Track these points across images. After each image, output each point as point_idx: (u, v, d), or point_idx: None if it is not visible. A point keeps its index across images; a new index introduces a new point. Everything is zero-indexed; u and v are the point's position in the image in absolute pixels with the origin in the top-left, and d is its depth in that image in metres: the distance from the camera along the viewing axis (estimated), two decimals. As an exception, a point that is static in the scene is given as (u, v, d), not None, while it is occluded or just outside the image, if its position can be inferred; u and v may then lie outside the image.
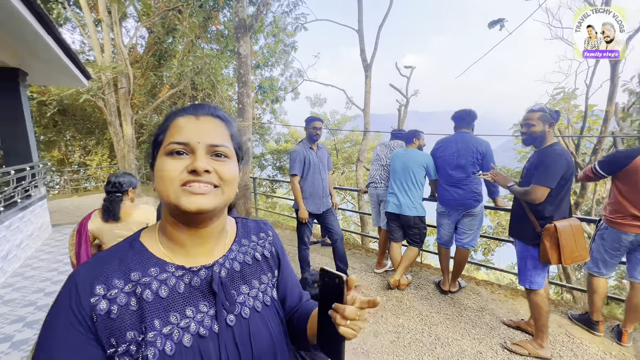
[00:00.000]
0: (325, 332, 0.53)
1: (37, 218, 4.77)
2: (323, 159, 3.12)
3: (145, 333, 0.49)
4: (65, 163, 12.43)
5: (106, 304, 0.49)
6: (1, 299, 3.13)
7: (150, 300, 0.52)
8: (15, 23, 3.28)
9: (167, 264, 0.55)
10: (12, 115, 4.72)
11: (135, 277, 0.52)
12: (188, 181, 0.52)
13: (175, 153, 0.53)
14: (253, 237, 0.69)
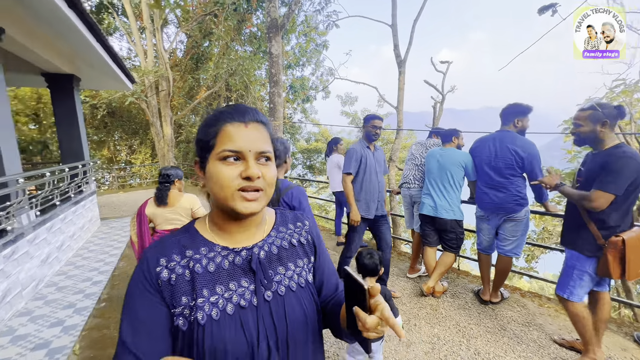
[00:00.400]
0: (353, 326, 0.55)
1: (87, 212, 5.18)
2: (380, 160, 2.92)
3: (195, 299, 0.60)
4: (114, 161, 13.47)
5: (167, 273, 0.61)
6: (56, 285, 3.41)
7: (200, 273, 0.62)
8: (70, 33, 3.56)
9: (214, 245, 0.66)
10: (68, 117, 5.16)
11: (189, 253, 0.63)
12: (243, 188, 0.60)
13: (228, 159, 0.60)
14: (290, 226, 0.76)
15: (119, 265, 3.97)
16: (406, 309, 2.84)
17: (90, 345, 2.42)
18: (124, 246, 4.67)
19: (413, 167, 3.36)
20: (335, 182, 4.36)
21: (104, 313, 2.89)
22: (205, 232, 0.67)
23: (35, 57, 4.07)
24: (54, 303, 3.04)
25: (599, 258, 1.88)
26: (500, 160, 2.61)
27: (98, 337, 2.52)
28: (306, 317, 0.66)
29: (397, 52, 6.96)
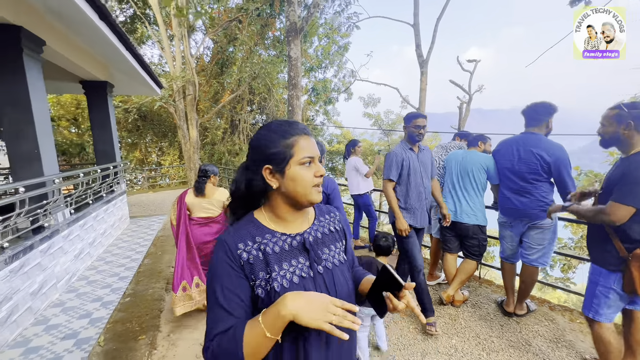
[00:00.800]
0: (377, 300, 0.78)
1: (118, 210, 5.49)
2: (426, 163, 2.64)
3: (270, 273, 0.77)
4: (145, 162, 14.20)
5: (246, 255, 0.78)
6: (87, 279, 3.64)
7: (270, 254, 0.79)
8: (102, 43, 3.80)
9: (275, 232, 0.82)
10: (102, 121, 5.51)
11: (258, 239, 0.80)
12: (317, 184, 0.80)
13: (307, 164, 0.80)
14: (326, 216, 0.94)
15: (144, 262, 4.16)
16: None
17: (114, 338, 2.54)
18: (150, 244, 4.90)
19: (432, 170, 3.25)
20: (353, 185, 4.32)
21: (128, 307, 3.03)
22: (265, 222, 0.84)
23: (74, 66, 4.38)
24: (84, 296, 3.24)
25: (624, 273, 1.71)
26: (524, 165, 2.46)
27: (121, 330, 2.65)
28: (347, 284, 0.86)
29: (419, 52, 6.79)
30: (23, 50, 3.01)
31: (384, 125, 18.90)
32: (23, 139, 3.13)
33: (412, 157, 2.57)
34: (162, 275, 3.75)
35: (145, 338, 2.53)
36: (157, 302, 3.11)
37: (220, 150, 12.47)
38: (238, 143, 12.46)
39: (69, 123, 9.89)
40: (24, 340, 2.47)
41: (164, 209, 7.81)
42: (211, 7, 11.07)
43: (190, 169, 10.03)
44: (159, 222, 6.20)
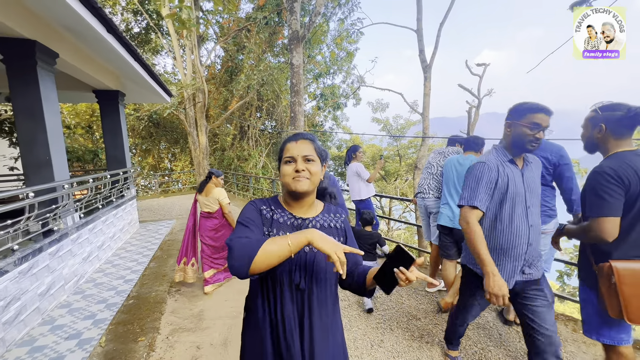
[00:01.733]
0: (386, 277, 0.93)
1: (127, 215, 5.65)
2: (533, 184, 1.69)
3: (270, 232, 1.06)
4: (158, 168, 14.58)
5: (264, 212, 1.09)
6: (94, 281, 3.75)
7: (275, 220, 1.08)
8: (111, 54, 3.98)
9: (285, 210, 1.11)
10: (113, 129, 5.72)
11: (272, 207, 1.11)
12: (295, 176, 1.03)
13: (288, 162, 1.05)
14: (332, 214, 1.16)
15: (149, 266, 4.27)
16: (420, 324, 2.70)
17: (115, 339, 2.62)
18: (157, 248, 5.02)
19: (428, 175, 3.22)
20: (354, 191, 4.32)
21: (130, 309, 3.11)
22: (282, 202, 1.13)
23: (86, 77, 4.58)
24: (90, 297, 3.34)
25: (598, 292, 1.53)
26: None
27: (122, 332, 2.72)
28: (326, 271, 1.05)
29: (423, 58, 6.78)
30: (37, 63, 3.18)
31: (393, 131, 18.81)
32: (36, 146, 3.29)
33: (514, 175, 1.65)
34: (167, 278, 3.84)
35: (145, 340, 2.59)
36: (159, 305, 3.18)
37: (230, 156, 12.68)
38: (247, 149, 12.65)
39: (84, 131, 10.28)
40: (30, 340, 2.57)
41: (173, 213, 7.99)
42: (221, 17, 11.39)
43: (199, 174, 10.23)
44: (167, 227, 6.35)
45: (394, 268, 0.90)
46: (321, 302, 1.06)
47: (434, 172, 3.18)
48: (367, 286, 1.07)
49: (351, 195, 4.39)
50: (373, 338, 2.53)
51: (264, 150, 13.03)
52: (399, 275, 0.89)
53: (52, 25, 3.32)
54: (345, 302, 3.16)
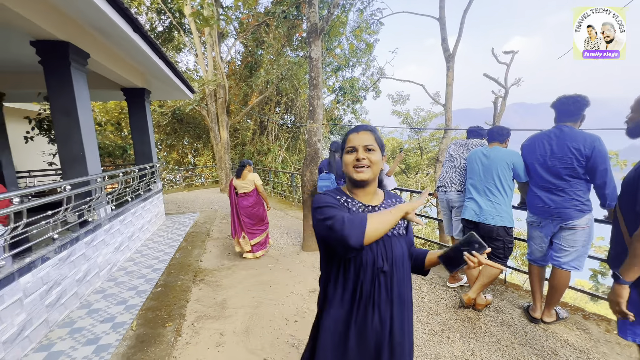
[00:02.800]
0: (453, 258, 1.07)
1: (154, 207, 5.91)
2: None
3: None
4: (182, 163, 15.09)
5: (342, 201, 1.14)
6: (125, 270, 3.98)
7: (350, 208, 1.13)
8: (137, 53, 4.13)
9: (353, 199, 1.16)
10: (141, 124, 5.97)
11: (344, 198, 1.15)
12: (356, 164, 1.10)
13: (349, 152, 1.13)
14: (392, 200, 1.22)
15: (175, 256, 4.46)
16: (441, 319, 2.66)
17: (145, 324, 2.77)
18: (182, 239, 5.23)
19: (450, 169, 3.13)
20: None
21: (158, 296, 3.28)
22: (347, 192, 1.19)
23: (115, 75, 4.80)
24: (122, 284, 3.55)
25: None
26: (557, 160, 2.30)
27: (151, 317, 2.87)
28: (403, 252, 1.14)
29: (445, 46, 6.53)
30: (71, 64, 3.36)
31: (414, 123, 18.37)
32: (71, 142, 3.49)
33: None
34: (191, 268, 4.00)
35: (172, 325, 2.72)
36: (184, 293, 3.33)
37: (250, 151, 12.89)
38: (266, 143, 12.81)
39: (114, 127, 10.79)
40: (70, 321, 2.78)
41: (196, 206, 8.27)
42: (241, 13, 11.49)
43: (221, 168, 10.49)
44: (192, 219, 6.59)
45: (464, 251, 1.03)
46: (400, 282, 1.12)
47: (457, 165, 3.09)
48: (425, 266, 1.20)
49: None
50: (392, 331, 2.52)
51: (283, 145, 13.14)
52: (469, 259, 1.01)
53: (84, 26, 3.49)
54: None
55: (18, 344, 2.26)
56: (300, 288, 3.41)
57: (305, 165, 4.60)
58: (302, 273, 3.81)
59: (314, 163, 4.53)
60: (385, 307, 1.09)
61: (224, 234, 5.58)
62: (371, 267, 1.08)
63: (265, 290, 3.40)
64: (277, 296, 3.25)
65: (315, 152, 4.53)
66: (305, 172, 4.55)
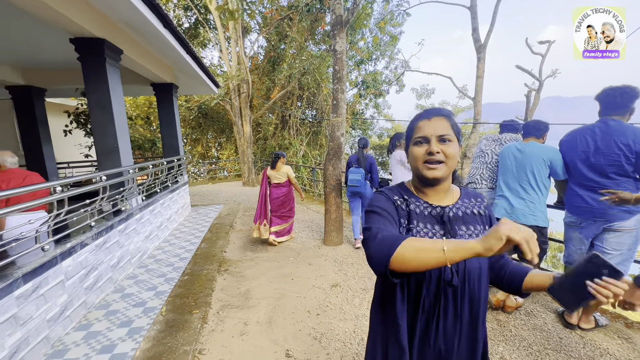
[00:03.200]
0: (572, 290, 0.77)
1: (181, 199, 6.13)
2: None
3: (409, 223, 0.94)
4: (206, 157, 15.53)
5: (399, 203, 0.97)
6: (154, 257, 4.16)
7: (412, 210, 0.96)
8: (167, 48, 4.25)
9: (418, 198, 0.98)
10: (169, 118, 6.18)
11: (405, 197, 0.98)
12: (427, 160, 0.90)
13: (419, 143, 0.93)
14: (472, 199, 1.03)
15: (201, 246, 4.61)
16: (467, 320, 2.58)
17: (173, 310, 2.89)
18: (207, 230, 5.39)
19: (481, 164, 2.99)
20: (397, 179, 4.19)
21: (185, 284, 3.40)
22: (412, 190, 1.02)
23: (145, 71, 4.97)
24: (152, 272, 3.71)
25: None
26: (602, 156, 2.14)
27: (179, 304, 2.99)
28: (480, 265, 0.93)
29: (476, 37, 6.23)
30: (106, 60, 3.52)
31: (439, 118, 17.81)
32: (106, 135, 3.67)
33: None
34: (216, 258, 4.11)
35: (199, 312, 2.82)
36: (210, 282, 3.43)
37: (272, 145, 13.04)
38: (288, 138, 12.89)
39: (143, 121, 11.25)
40: (105, 304, 2.95)
41: (220, 199, 8.50)
42: (264, 7, 11.54)
43: (244, 162, 10.69)
44: (216, 211, 6.77)
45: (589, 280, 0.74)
46: (472, 298, 0.93)
47: (488, 161, 2.95)
48: (524, 289, 0.94)
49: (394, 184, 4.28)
50: (416, 329, 2.48)
51: (304, 139, 13.18)
52: (598, 291, 0.73)
53: (117, 24, 3.63)
54: (387, 291, 3.13)
55: (60, 323, 2.43)
56: (321, 282, 3.42)
57: (327, 160, 4.58)
58: (323, 267, 3.82)
59: (336, 157, 4.50)
60: (452, 325, 0.92)
61: (247, 227, 5.69)
62: (437, 279, 0.90)
63: (288, 282, 3.44)
64: (299, 289, 3.28)
65: (338, 146, 4.49)
66: (328, 167, 4.53)
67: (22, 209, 2.12)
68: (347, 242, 4.66)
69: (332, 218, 4.52)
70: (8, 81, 5.09)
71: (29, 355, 2.09)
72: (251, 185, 10.71)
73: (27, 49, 4.36)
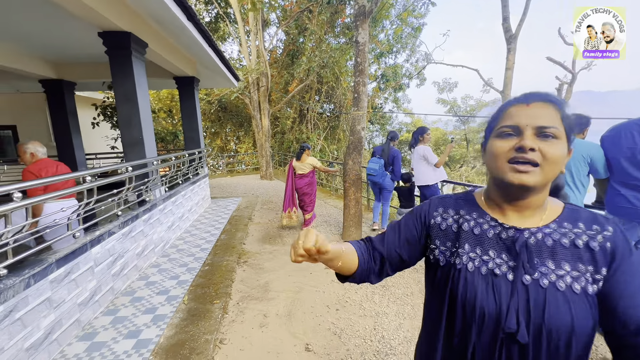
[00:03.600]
0: None
1: (201, 191, 6.25)
2: None
3: (457, 248, 0.72)
4: (224, 150, 15.79)
5: (439, 219, 0.77)
6: (176, 247, 4.27)
7: (466, 231, 0.73)
8: (190, 41, 4.30)
9: (485, 214, 0.73)
10: (190, 111, 6.28)
11: (462, 212, 0.76)
12: (513, 158, 0.63)
13: (505, 135, 0.66)
14: (580, 225, 0.67)
15: (220, 238, 4.68)
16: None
17: (195, 299, 2.95)
18: (226, 222, 5.47)
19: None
20: (420, 175, 4.08)
21: (206, 274, 3.46)
22: (480, 201, 0.76)
23: (169, 64, 5.06)
24: (174, 261, 3.81)
25: None
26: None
27: (201, 294, 3.05)
28: (572, 323, 0.59)
29: (507, 26, 5.92)
30: (132, 53, 3.59)
31: (461, 113, 17.25)
32: (132, 127, 3.76)
33: None
34: (235, 250, 4.17)
35: (219, 303, 2.86)
36: (229, 273, 3.48)
37: (289, 139, 13.07)
38: (305, 132, 12.88)
39: (166, 115, 11.54)
40: (131, 291, 3.05)
41: (239, 191, 8.61)
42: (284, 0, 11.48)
43: (262, 156, 10.77)
44: (235, 203, 6.87)
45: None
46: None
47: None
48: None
49: (416, 180, 4.17)
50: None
51: (322, 134, 13.12)
52: None
53: (143, 17, 3.68)
54: (408, 289, 3.06)
55: (90, 307, 2.53)
56: (340, 277, 3.39)
57: (347, 154, 4.51)
58: (342, 262, 3.79)
59: (356, 152, 4.43)
60: None
61: (265, 219, 5.74)
62: (493, 326, 0.63)
63: (306, 276, 3.43)
64: (318, 283, 3.26)
65: (359, 140, 4.41)
66: (348, 161, 4.47)
67: (58, 196, 2.20)
68: (365, 238, 4.61)
69: (351, 213, 4.46)
70: (41, 75, 5.32)
71: (62, 336, 2.19)
72: (268, 178, 10.79)
73: (59, 44, 4.52)
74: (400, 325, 2.49)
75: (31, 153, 2.81)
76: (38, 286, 1.99)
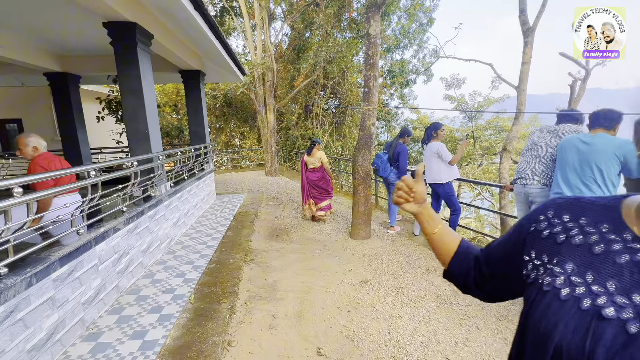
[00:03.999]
0: None
1: (207, 186, 6.17)
2: None
3: (554, 264, 0.53)
4: (229, 145, 15.71)
5: (544, 225, 0.58)
6: (182, 244, 4.19)
7: (576, 244, 0.52)
8: (197, 33, 4.18)
9: (626, 229, 0.50)
10: (196, 106, 6.19)
11: (582, 221, 0.54)
12: None
13: None
14: None
15: (226, 234, 4.60)
16: (514, 328, 2.36)
17: (202, 298, 2.86)
18: (232, 218, 5.39)
19: (533, 158, 2.70)
20: (433, 172, 3.95)
21: (213, 272, 3.38)
22: (627, 213, 0.52)
23: (174, 57, 4.95)
24: (180, 258, 3.73)
25: None
26: None
27: (207, 292, 2.96)
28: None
29: (524, 19, 5.71)
30: (137, 44, 3.48)
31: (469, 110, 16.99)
32: (137, 120, 3.67)
33: None
34: (242, 247, 4.08)
35: (227, 302, 2.78)
36: (236, 272, 3.39)
37: (295, 135, 12.94)
38: (311, 128, 12.74)
39: (171, 109, 11.47)
40: (136, 289, 2.97)
41: (244, 188, 8.53)
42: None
43: (267, 152, 10.67)
44: (240, 199, 6.79)
45: None
46: None
47: (542, 155, 2.66)
48: None
49: (428, 178, 4.04)
50: (457, 335, 2.30)
51: (327, 130, 12.98)
52: None
53: (148, 6, 3.57)
54: (421, 291, 2.95)
55: (94, 306, 2.45)
56: (350, 277, 3.29)
57: (357, 150, 4.39)
58: (352, 261, 3.69)
59: (366, 148, 4.30)
60: None
61: (271, 216, 5.65)
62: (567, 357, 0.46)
63: (315, 276, 3.34)
64: (327, 283, 3.17)
65: (369, 136, 4.29)
66: (357, 158, 4.35)
67: (66, 190, 2.12)
68: (375, 237, 4.49)
69: (360, 211, 4.35)
70: (46, 68, 5.24)
71: (65, 336, 2.11)
72: (274, 174, 10.70)
73: (63, 36, 4.43)
74: (415, 329, 2.39)
75: (34, 146, 2.73)
76: (40, 285, 1.91)
